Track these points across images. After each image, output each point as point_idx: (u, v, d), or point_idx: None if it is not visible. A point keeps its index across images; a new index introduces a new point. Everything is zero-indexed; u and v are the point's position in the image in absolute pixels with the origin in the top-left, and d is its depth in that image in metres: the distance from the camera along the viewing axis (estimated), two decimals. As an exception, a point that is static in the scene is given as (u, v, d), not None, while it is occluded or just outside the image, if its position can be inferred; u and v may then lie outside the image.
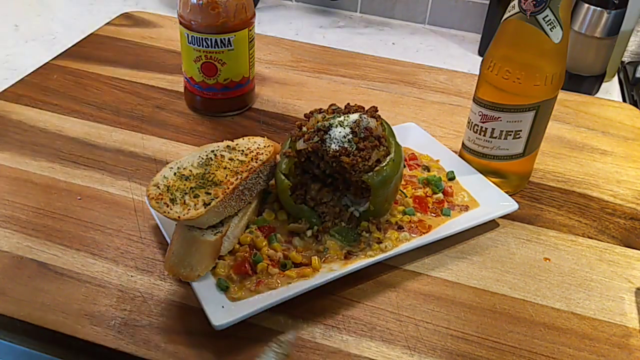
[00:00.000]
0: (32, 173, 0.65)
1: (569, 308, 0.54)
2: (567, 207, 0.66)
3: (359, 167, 0.53)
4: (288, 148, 0.56)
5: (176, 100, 0.80)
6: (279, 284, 0.51)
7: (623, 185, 0.70)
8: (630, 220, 0.64)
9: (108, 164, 0.67)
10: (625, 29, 0.89)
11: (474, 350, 0.49)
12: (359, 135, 0.54)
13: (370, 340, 0.49)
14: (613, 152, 0.76)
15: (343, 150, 0.53)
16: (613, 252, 0.60)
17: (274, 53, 0.93)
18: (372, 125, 0.55)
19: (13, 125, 0.73)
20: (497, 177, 0.65)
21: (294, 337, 0.49)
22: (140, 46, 0.93)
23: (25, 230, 0.58)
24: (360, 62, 0.93)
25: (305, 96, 0.83)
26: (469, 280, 0.56)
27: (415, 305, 0.53)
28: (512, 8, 0.56)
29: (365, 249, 0.55)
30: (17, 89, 0.80)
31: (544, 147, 0.68)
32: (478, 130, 0.63)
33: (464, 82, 0.89)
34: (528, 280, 0.56)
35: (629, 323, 0.52)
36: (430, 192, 0.63)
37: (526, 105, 0.59)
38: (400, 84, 0.88)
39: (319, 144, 0.54)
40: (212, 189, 0.53)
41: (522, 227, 0.62)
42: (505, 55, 0.58)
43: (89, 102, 0.78)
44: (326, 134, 0.54)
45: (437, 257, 0.58)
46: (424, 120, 0.79)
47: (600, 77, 0.92)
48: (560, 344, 0.50)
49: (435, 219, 0.60)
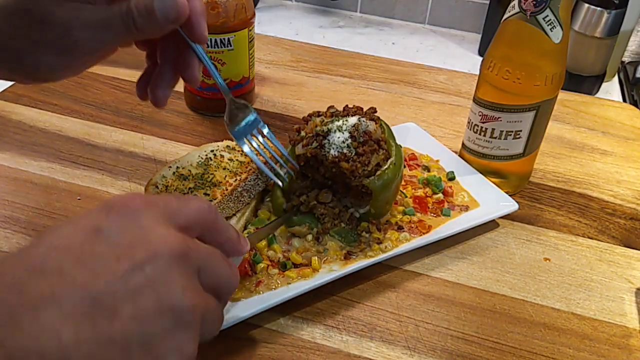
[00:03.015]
0: (31, 173, 0.65)
1: (569, 308, 0.53)
2: (567, 207, 0.65)
3: (358, 172, 0.53)
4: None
5: (176, 100, 0.80)
6: (279, 284, 0.51)
7: (623, 186, 0.69)
8: (631, 221, 0.64)
9: (108, 164, 0.67)
10: (625, 29, 0.89)
11: (474, 351, 0.49)
12: (358, 139, 0.54)
13: (370, 341, 0.49)
14: (613, 152, 0.76)
15: (342, 156, 0.53)
16: (613, 252, 0.60)
17: (274, 53, 0.93)
18: (371, 128, 0.55)
19: (13, 125, 0.73)
20: (497, 177, 0.65)
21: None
22: (140, 46, 0.93)
23: (25, 231, 0.58)
24: (360, 62, 0.93)
25: (305, 96, 0.83)
26: (469, 281, 0.55)
27: (415, 306, 0.53)
28: (512, 8, 0.56)
29: (365, 249, 0.55)
30: (17, 89, 0.80)
31: (544, 147, 0.68)
32: (478, 130, 0.63)
33: (464, 82, 0.89)
34: (528, 281, 0.56)
35: (629, 323, 0.52)
36: (430, 193, 0.63)
37: (526, 106, 0.59)
38: (400, 84, 0.88)
39: (318, 150, 0.54)
40: (210, 190, 0.53)
41: (522, 227, 0.62)
42: (506, 55, 0.58)
43: (89, 102, 0.78)
44: (325, 139, 0.54)
45: (437, 257, 0.58)
46: (424, 120, 0.79)
47: (601, 77, 0.92)
48: (560, 344, 0.50)
49: (435, 219, 0.60)
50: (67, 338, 0.27)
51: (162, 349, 0.29)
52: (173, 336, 0.30)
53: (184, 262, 0.32)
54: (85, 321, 0.28)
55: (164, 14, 0.41)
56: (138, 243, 0.31)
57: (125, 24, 0.41)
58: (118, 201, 0.33)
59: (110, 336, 0.28)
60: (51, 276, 0.28)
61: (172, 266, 0.31)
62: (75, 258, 0.29)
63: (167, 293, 0.30)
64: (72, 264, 0.29)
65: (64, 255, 0.29)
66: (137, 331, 0.29)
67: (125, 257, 0.30)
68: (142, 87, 0.49)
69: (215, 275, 0.34)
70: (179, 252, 0.31)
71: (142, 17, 0.41)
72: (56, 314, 0.27)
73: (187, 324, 0.31)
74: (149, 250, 0.31)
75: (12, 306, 0.27)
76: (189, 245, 0.33)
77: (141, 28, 0.42)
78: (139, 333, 0.29)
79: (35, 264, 0.29)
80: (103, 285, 0.29)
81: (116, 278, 0.29)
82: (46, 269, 0.29)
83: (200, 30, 0.45)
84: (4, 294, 0.28)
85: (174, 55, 0.47)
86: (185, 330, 0.31)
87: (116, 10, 0.41)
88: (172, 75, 0.48)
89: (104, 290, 0.29)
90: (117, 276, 0.29)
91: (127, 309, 0.29)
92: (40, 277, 0.28)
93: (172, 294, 0.30)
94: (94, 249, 0.30)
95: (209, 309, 0.33)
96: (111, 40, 0.43)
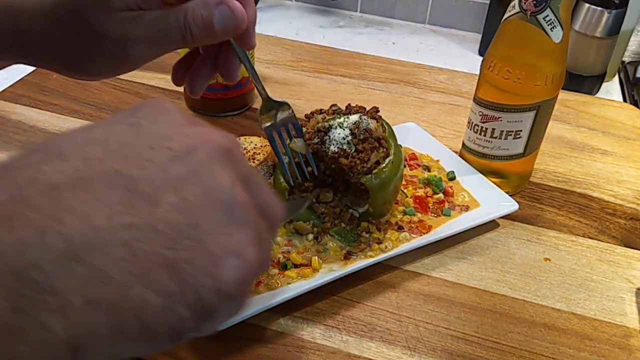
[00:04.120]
0: (31, 173, 0.65)
1: (569, 308, 0.53)
2: (567, 207, 0.65)
3: (357, 168, 0.53)
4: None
5: (176, 100, 0.79)
6: (279, 284, 0.51)
7: (623, 186, 0.69)
8: (631, 221, 0.64)
9: (108, 164, 0.67)
10: (625, 28, 0.89)
11: (474, 351, 0.49)
12: (359, 136, 0.54)
13: (370, 341, 0.49)
14: (613, 152, 0.76)
15: (342, 151, 0.53)
16: (613, 252, 0.60)
17: (274, 53, 0.93)
18: (372, 126, 0.55)
19: (13, 125, 0.73)
20: (497, 177, 0.65)
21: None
22: (140, 46, 0.93)
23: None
24: (360, 62, 0.93)
25: (305, 96, 0.83)
26: (469, 281, 0.55)
27: (416, 306, 0.53)
28: (513, 8, 0.56)
29: (365, 249, 0.55)
30: (16, 89, 0.80)
31: (544, 147, 0.68)
32: (478, 130, 0.63)
33: (464, 82, 0.89)
34: (528, 281, 0.56)
35: (629, 323, 0.52)
36: (431, 192, 0.63)
37: (526, 105, 0.59)
38: (400, 83, 0.88)
39: (319, 146, 0.54)
40: None
41: (522, 227, 0.62)
42: (506, 55, 0.58)
43: (89, 102, 0.78)
44: (326, 135, 0.54)
45: (437, 257, 0.58)
46: (424, 120, 0.79)
47: (601, 77, 0.92)
48: (561, 344, 0.50)
49: (436, 219, 0.60)
50: (99, 223, 0.22)
51: (216, 247, 0.24)
52: (229, 235, 0.24)
53: (229, 159, 0.26)
54: (119, 207, 0.23)
55: (223, 27, 0.41)
56: (174, 134, 0.26)
57: (183, 37, 0.40)
58: (145, 101, 0.28)
59: (151, 224, 0.23)
60: (74, 161, 0.23)
61: (215, 159, 0.26)
62: (101, 146, 0.24)
63: (215, 185, 0.25)
64: (98, 150, 0.24)
65: (87, 145, 0.24)
66: (184, 222, 0.23)
67: (161, 147, 0.25)
68: (180, 73, 0.49)
69: (262, 194, 0.28)
70: (223, 146, 0.26)
71: (200, 30, 0.40)
72: (82, 195, 0.22)
73: (243, 222, 0.25)
74: (187, 142, 0.25)
75: (19, 186, 0.22)
76: (234, 145, 0.27)
77: (197, 39, 0.41)
78: (187, 224, 0.24)
79: (52, 151, 0.24)
80: (138, 172, 0.24)
81: (153, 166, 0.24)
82: (66, 155, 0.24)
83: (251, 39, 0.45)
84: (6, 174, 0.23)
85: (217, 52, 0.47)
86: (242, 228, 0.25)
87: (173, 23, 0.40)
88: (212, 68, 0.48)
89: (139, 177, 0.24)
90: (154, 164, 0.24)
91: (170, 198, 0.24)
92: (60, 161, 0.23)
93: (219, 188, 0.25)
94: (121, 139, 0.25)
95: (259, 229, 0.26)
96: (166, 51, 0.42)
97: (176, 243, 0.23)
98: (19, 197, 0.22)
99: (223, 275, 0.24)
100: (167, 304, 0.23)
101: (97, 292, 0.22)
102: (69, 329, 0.21)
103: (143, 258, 0.22)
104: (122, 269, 0.22)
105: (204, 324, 0.24)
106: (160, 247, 0.23)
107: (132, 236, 0.22)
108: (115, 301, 0.22)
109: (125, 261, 0.22)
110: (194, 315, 0.24)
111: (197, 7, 0.40)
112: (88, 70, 0.43)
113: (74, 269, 0.21)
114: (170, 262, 0.23)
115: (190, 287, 0.23)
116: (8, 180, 0.22)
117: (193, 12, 0.40)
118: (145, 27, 0.40)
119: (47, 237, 0.21)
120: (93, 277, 0.22)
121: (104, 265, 0.22)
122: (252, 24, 0.44)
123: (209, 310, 0.24)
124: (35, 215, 0.21)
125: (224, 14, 0.41)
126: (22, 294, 0.20)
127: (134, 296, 0.22)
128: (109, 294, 0.22)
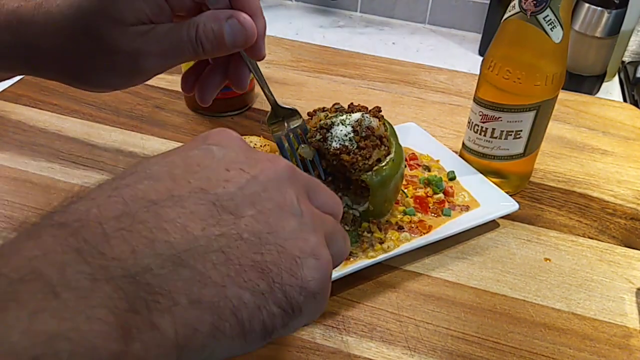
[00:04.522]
0: (31, 173, 0.65)
1: (570, 308, 0.53)
2: (567, 208, 0.65)
3: (358, 165, 0.53)
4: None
5: (176, 100, 0.79)
6: (279, 284, 0.51)
7: (623, 186, 0.69)
8: (631, 221, 0.64)
9: (107, 164, 0.67)
10: (625, 28, 0.89)
11: (474, 351, 0.49)
12: (361, 134, 0.54)
13: (370, 341, 0.49)
14: (614, 152, 0.75)
15: (344, 148, 0.53)
16: (613, 252, 0.60)
17: (274, 53, 0.93)
18: (374, 124, 0.55)
19: (12, 125, 0.73)
20: (497, 177, 0.65)
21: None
22: (140, 46, 0.93)
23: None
24: (360, 62, 0.93)
25: (305, 96, 0.83)
26: (469, 281, 0.55)
27: (416, 306, 0.53)
28: (513, 8, 0.56)
29: (365, 249, 0.55)
30: (16, 89, 0.80)
31: (544, 147, 0.68)
32: (478, 130, 0.63)
33: (465, 82, 0.89)
34: (528, 281, 0.56)
35: (629, 323, 0.52)
36: (431, 192, 0.63)
37: (527, 105, 0.59)
38: (400, 83, 0.88)
39: (321, 142, 0.54)
40: None
41: (522, 227, 0.62)
42: (506, 55, 0.58)
43: (89, 102, 0.78)
44: (328, 132, 0.54)
45: (437, 257, 0.58)
46: (424, 120, 0.79)
47: (601, 77, 0.92)
48: (561, 344, 0.50)
49: (436, 219, 0.60)
50: (197, 233, 0.26)
51: (296, 250, 0.28)
52: (304, 239, 0.29)
53: (290, 177, 0.31)
54: (210, 219, 0.26)
55: (233, 40, 0.41)
56: (244, 158, 0.30)
57: (194, 50, 0.41)
58: (212, 130, 0.32)
59: (238, 233, 0.27)
60: (165, 181, 0.27)
61: (281, 178, 0.30)
62: (184, 169, 0.28)
63: (283, 200, 0.29)
64: (182, 172, 0.28)
65: (172, 168, 0.28)
66: (264, 230, 0.27)
67: (235, 169, 0.29)
68: (190, 82, 0.49)
69: (321, 196, 0.33)
70: (287, 168, 0.31)
71: (211, 43, 0.41)
72: (179, 210, 0.26)
73: (313, 228, 0.29)
74: (256, 165, 0.30)
75: (125, 203, 0.25)
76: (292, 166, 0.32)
77: (209, 52, 0.42)
78: (268, 232, 0.27)
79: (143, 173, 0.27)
80: (220, 190, 0.28)
81: (231, 185, 0.28)
82: (156, 176, 0.27)
83: (261, 50, 0.45)
84: (112, 193, 0.26)
85: (227, 61, 0.48)
86: (314, 233, 0.29)
87: (185, 37, 0.41)
88: (222, 78, 0.48)
89: (222, 194, 0.27)
90: (232, 183, 0.28)
91: (249, 211, 0.28)
92: (152, 181, 0.27)
93: (287, 201, 0.29)
94: (199, 162, 0.29)
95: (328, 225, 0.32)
96: (176, 63, 0.43)
97: (261, 248, 0.27)
98: (128, 213, 0.25)
99: (305, 274, 0.28)
100: (259, 302, 0.26)
101: (200, 293, 0.25)
102: (176, 328, 0.24)
103: (235, 262, 0.26)
104: (219, 272, 0.25)
105: (291, 322, 0.28)
106: (248, 252, 0.27)
107: (224, 244, 0.26)
108: (215, 300, 0.25)
109: (222, 265, 0.26)
110: (283, 312, 0.27)
111: (208, 21, 0.41)
112: (98, 83, 0.43)
113: (179, 272, 0.25)
114: (259, 265, 0.27)
115: (278, 286, 0.27)
116: (117, 198, 0.26)
117: (204, 26, 0.41)
118: (157, 40, 0.40)
119: (157, 245, 0.25)
120: (196, 279, 0.25)
121: (205, 269, 0.25)
122: (261, 37, 0.44)
123: (296, 307, 0.27)
124: (143, 227, 0.25)
125: (234, 28, 0.41)
126: (138, 295, 0.23)
127: (231, 295, 0.25)
128: (210, 294, 0.25)
